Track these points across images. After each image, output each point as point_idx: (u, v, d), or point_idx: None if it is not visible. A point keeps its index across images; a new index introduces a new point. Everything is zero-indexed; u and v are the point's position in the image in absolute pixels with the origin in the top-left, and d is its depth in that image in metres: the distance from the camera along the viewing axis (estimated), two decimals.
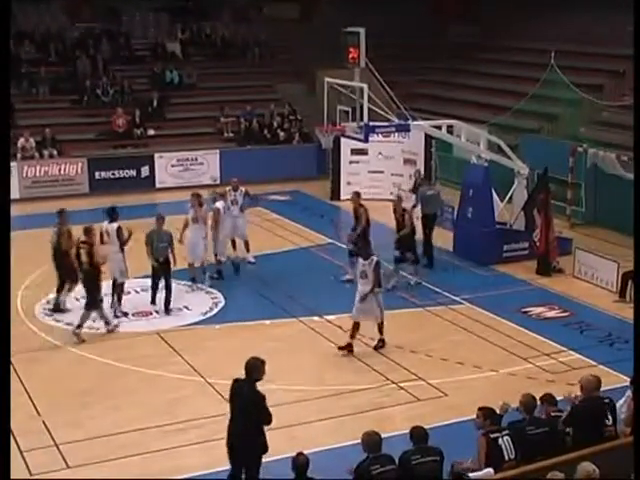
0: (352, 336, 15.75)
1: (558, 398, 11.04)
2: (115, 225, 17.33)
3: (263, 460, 10.63)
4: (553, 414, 10.55)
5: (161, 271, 17.57)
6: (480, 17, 36.33)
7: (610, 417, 10.39)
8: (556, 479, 8.37)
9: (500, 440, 9.79)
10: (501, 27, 34.96)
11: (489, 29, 35.56)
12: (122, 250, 17.34)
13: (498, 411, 10.41)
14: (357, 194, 19.88)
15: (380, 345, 15.92)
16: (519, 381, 14.43)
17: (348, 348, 15.71)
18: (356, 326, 15.72)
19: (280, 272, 19.90)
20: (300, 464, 9.30)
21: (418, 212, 20.91)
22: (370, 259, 15.63)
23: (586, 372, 12.26)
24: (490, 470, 9.60)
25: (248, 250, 20.78)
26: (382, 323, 15.88)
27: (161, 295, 17.80)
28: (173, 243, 17.65)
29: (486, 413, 10.07)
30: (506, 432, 9.91)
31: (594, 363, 15.07)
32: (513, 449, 9.78)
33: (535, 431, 10.10)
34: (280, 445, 11.34)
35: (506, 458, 9.73)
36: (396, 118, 21.06)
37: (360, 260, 15.93)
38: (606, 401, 10.50)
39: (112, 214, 17.52)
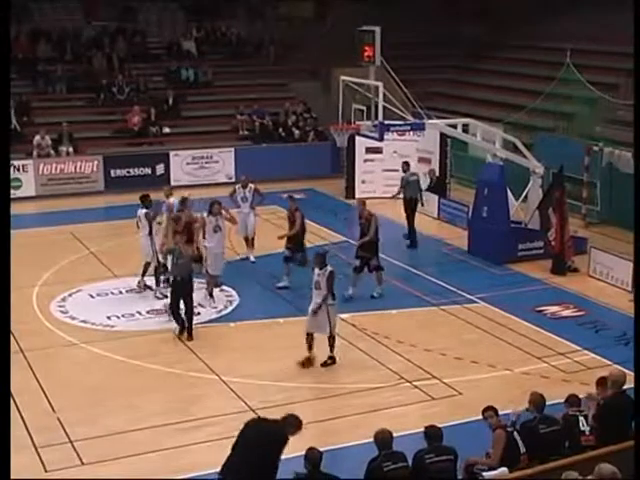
0: (309, 348, 15.08)
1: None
2: (144, 211, 18.11)
3: None
4: (571, 413, 10.52)
5: (180, 290, 16.28)
6: (494, 15, 36.20)
7: None
8: (571, 479, 8.36)
9: (515, 434, 9.94)
10: (516, 25, 34.82)
11: (504, 27, 35.43)
12: (150, 234, 17.96)
13: (513, 418, 10.43)
14: (291, 198, 19.53)
15: (329, 362, 15.06)
16: (534, 380, 14.39)
17: (307, 362, 15.02)
18: (310, 337, 15.08)
19: (293, 270, 19.87)
20: (313, 457, 9.24)
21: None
22: (324, 269, 14.88)
23: (601, 372, 12.23)
24: (504, 469, 9.61)
25: (253, 247, 20.79)
26: (333, 338, 15.07)
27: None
28: (192, 261, 16.86)
29: (495, 410, 10.13)
30: (513, 428, 10.05)
31: (609, 362, 14.99)
32: (523, 444, 9.89)
33: (547, 429, 10.13)
34: (294, 444, 11.32)
35: (522, 451, 9.88)
36: (411, 117, 21.04)
37: (315, 269, 15.11)
38: None
39: (143, 201, 18.40)
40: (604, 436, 10.03)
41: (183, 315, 16.30)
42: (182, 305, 16.35)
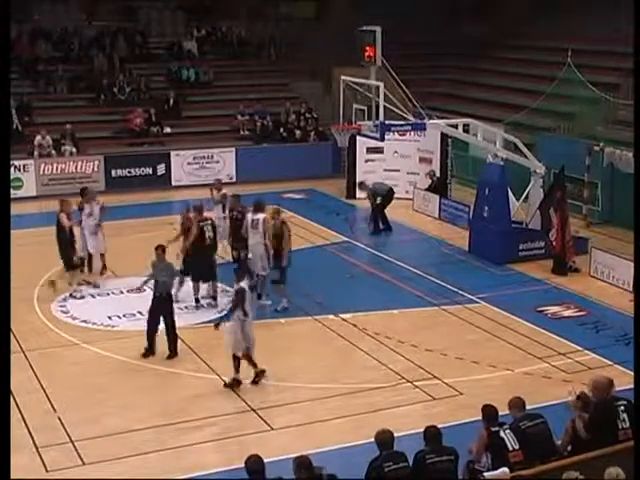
0: (236, 370, 14.41)
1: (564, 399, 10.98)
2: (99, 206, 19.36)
3: (277, 459, 10.62)
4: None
5: (161, 308, 15.50)
6: (496, 15, 36.23)
7: (627, 419, 10.31)
8: (571, 478, 8.36)
9: (502, 433, 9.93)
10: (516, 25, 34.87)
11: (504, 27, 35.46)
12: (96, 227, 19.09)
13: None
14: (193, 208, 18.44)
15: (257, 379, 14.38)
16: (535, 380, 14.42)
17: (234, 384, 14.34)
18: (235, 359, 14.36)
19: (296, 270, 19.83)
20: (305, 462, 9.10)
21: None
22: (237, 285, 14.33)
23: (602, 372, 12.23)
24: (505, 469, 9.62)
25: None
26: (249, 356, 14.35)
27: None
28: (174, 277, 16.15)
29: (490, 413, 10.14)
30: (506, 426, 10.06)
31: (610, 363, 15.01)
32: (516, 441, 9.91)
33: (529, 424, 10.15)
34: (295, 444, 11.37)
35: (510, 448, 9.86)
36: (412, 116, 21.04)
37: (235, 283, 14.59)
38: (623, 402, 10.42)
39: (83, 194, 19.49)
40: (596, 443, 9.99)
41: (165, 335, 15.52)
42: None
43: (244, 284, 14.37)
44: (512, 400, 10.53)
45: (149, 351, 15.51)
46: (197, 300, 17.85)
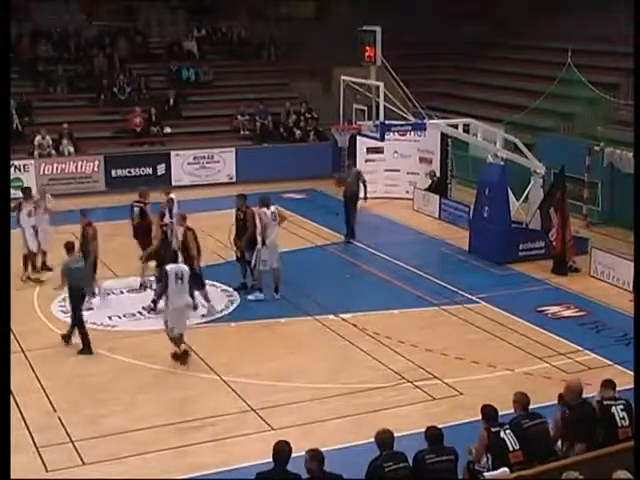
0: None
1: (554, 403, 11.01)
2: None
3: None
4: (606, 403, 10.47)
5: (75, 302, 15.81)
6: (496, 15, 36.24)
7: (627, 417, 10.32)
8: (571, 478, 8.37)
9: (502, 433, 9.94)
10: (517, 25, 34.88)
11: (505, 27, 35.47)
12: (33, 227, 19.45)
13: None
14: (83, 213, 18.52)
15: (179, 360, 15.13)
16: (535, 380, 14.41)
17: (175, 357, 15.19)
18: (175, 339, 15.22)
19: (296, 270, 19.86)
20: (318, 457, 9.06)
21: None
22: (162, 267, 14.87)
23: (602, 372, 12.24)
24: (505, 469, 9.63)
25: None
26: (172, 340, 15.15)
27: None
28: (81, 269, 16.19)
29: (490, 413, 10.15)
30: (507, 427, 10.06)
31: (610, 363, 15.02)
32: (516, 441, 9.92)
33: (530, 423, 10.18)
34: (295, 444, 11.31)
35: (510, 449, 9.87)
36: (412, 116, 21.04)
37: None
38: (622, 402, 10.45)
39: (24, 192, 20.21)
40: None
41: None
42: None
43: (169, 267, 14.68)
44: (517, 395, 10.52)
45: (66, 338, 15.85)
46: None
